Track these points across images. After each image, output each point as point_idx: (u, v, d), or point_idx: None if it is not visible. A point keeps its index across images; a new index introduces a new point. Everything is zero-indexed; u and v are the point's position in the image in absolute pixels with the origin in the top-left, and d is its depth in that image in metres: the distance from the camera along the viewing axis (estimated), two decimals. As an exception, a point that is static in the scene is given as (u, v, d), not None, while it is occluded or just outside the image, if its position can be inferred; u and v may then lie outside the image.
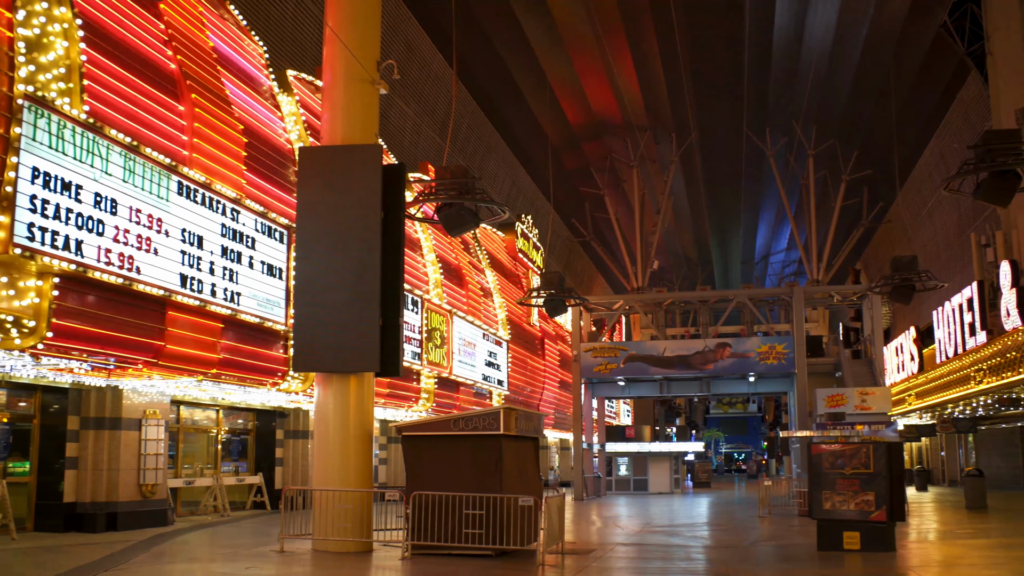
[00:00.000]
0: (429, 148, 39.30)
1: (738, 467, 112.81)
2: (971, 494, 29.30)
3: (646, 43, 39.88)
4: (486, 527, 15.77)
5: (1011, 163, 16.53)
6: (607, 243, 54.94)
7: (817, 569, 14.80)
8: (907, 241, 57.77)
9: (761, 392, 51.13)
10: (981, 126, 41.05)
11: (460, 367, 34.96)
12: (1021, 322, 30.41)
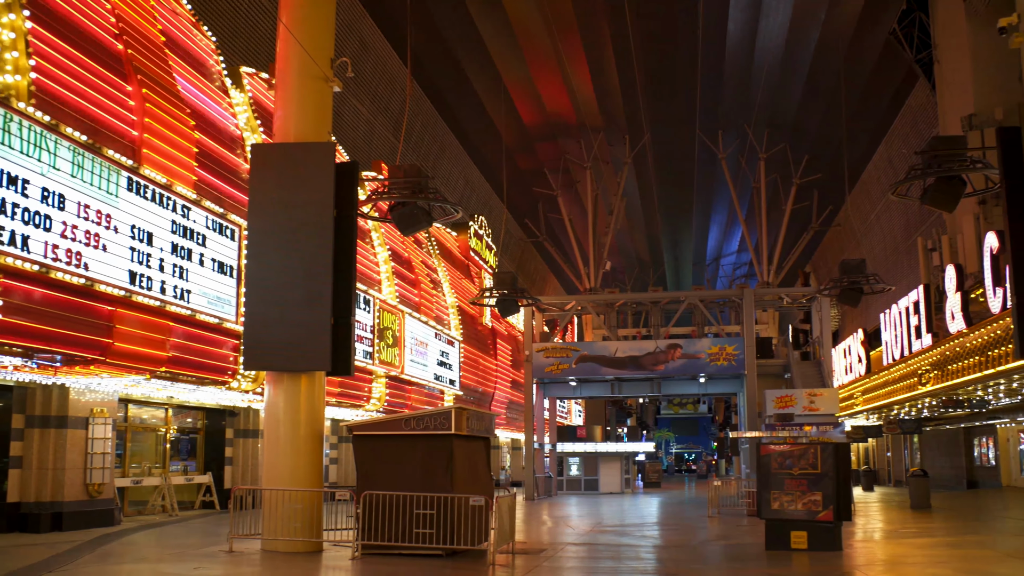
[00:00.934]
0: (383, 147, 39.16)
1: (688, 467, 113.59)
2: (916, 494, 29.70)
3: (600, 45, 40.03)
4: (437, 527, 15.75)
5: (957, 169, 16.78)
6: (560, 244, 55.07)
7: (765, 568, 14.94)
8: (856, 244, 58.50)
9: (711, 393, 51.49)
10: (928, 132, 41.68)
11: (412, 366, 34.87)
12: (965, 325, 30.88)
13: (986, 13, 36.65)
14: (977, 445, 44.62)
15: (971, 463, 45.20)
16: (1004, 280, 25.41)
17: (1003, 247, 23.52)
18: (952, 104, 39.14)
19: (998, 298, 27.19)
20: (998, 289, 27.11)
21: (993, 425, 41.02)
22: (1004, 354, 24.22)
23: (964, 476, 45.09)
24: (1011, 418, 37.47)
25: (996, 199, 30.84)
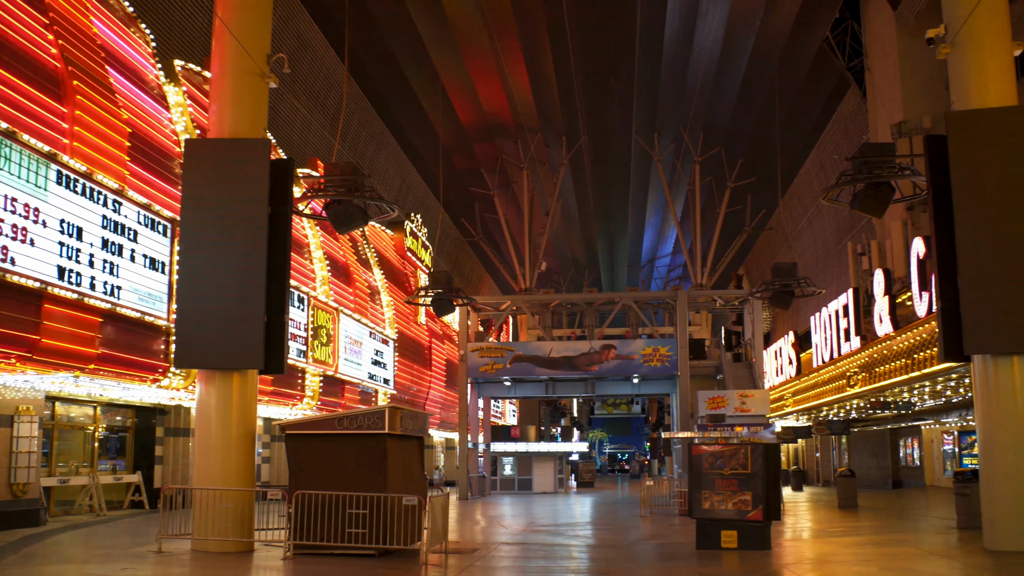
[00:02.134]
0: (319, 144, 38.89)
1: (621, 467, 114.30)
2: (843, 494, 30.19)
3: (539, 46, 40.14)
4: (370, 527, 15.69)
5: (886, 175, 17.12)
6: (496, 244, 55.11)
7: (695, 567, 15.10)
8: (788, 248, 59.32)
9: (645, 393, 51.93)
10: (859, 139, 42.43)
11: (346, 365, 34.69)
12: (893, 329, 31.48)
13: (915, 24, 37.41)
14: (903, 446, 45.50)
15: (897, 463, 46.08)
16: (930, 285, 25.96)
17: (929, 252, 24.03)
18: (882, 111, 39.88)
19: (924, 302, 27.77)
20: (924, 293, 27.68)
21: (918, 426, 41.86)
22: (929, 357, 24.73)
23: (890, 476, 45.94)
24: (935, 420, 38.28)
25: (923, 205, 31.50)
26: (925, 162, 16.92)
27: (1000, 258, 15.84)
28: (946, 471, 40.21)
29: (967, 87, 16.84)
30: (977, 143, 16.28)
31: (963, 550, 16.69)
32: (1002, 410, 16.05)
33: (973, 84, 16.76)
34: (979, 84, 16.70)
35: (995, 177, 16.08)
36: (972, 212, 16.09)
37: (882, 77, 40.75)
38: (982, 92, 16.64)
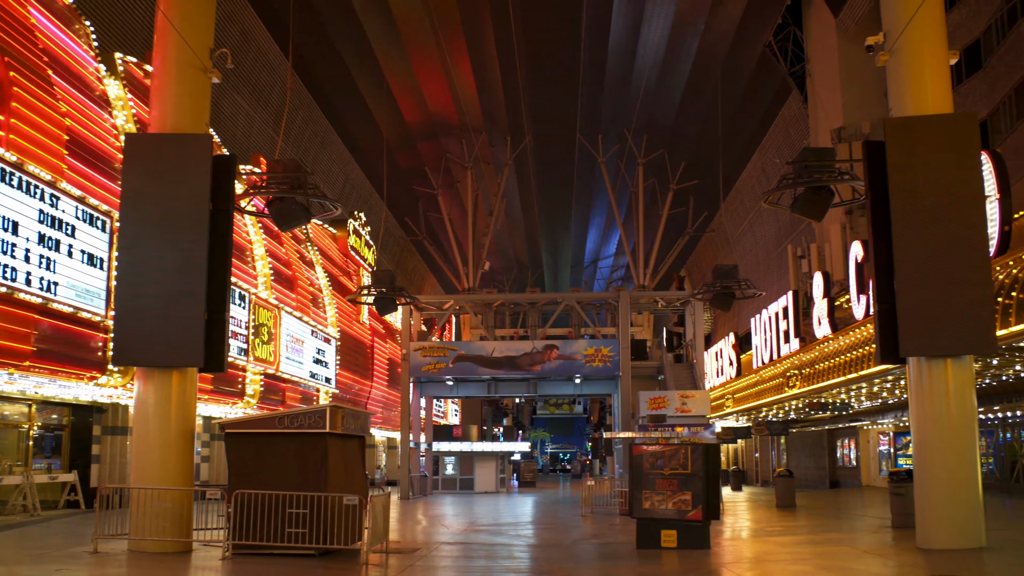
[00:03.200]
0: (262, 140, 38.57)
1: (563, 467, 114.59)
2: (781, 493, 30.54)
3: (484, 46, 40.16)
4: (310, 526, 15.58)
5: (826, 180, 17.35)
6: (439, 243, 55.04)
7: (635, 566, 15.19)
8: (729, 250, 59.92)
9: (587, 394, 52.14)
10: (800, 143, 42.99)
11: (288, 364, 34.43)
12: (831, 331, 31.92)
13: (855, 31, 38.02)
14: (840, 446, 46.13)
15: (834, 464, 46.70)
16: (868, 288, 26.39)
17: (867, 256, 24.40)
18: (823, 116, 40.44)
19: (862, 305, 28.22)
20: (862, 296, 28.12)
21: (855, 427, 42.47)
22: (866, 357, 25.09)
23: (827, 476, 46.56)
24: (872, 421, 38.85)
25: (862, 210, 31.97)
26: (864, 167, 17.15)
27: (934, 262, 16.12)
28: (881, 471, 40.84)
29: (905, 94, 17.11)
30: (914, 149, 16.55)
31: (897, 548, 16.96)
32: (935, 411, 16.34)
33: (910, 91, 17.04)
34: (916, 91, 16.98)
35: (930, 182, 16.36)
36: (908, 217, 16.35)
37: (823, 83, 41.34)
38: (919, 99, 16.92)
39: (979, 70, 33.27)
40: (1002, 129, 31.59)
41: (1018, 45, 30.19)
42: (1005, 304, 18.44)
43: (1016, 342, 18.80)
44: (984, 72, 32.90)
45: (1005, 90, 31.19)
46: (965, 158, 16.47)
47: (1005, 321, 18.26)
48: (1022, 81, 30.00)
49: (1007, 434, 31.91)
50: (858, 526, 22.28)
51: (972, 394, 16.50)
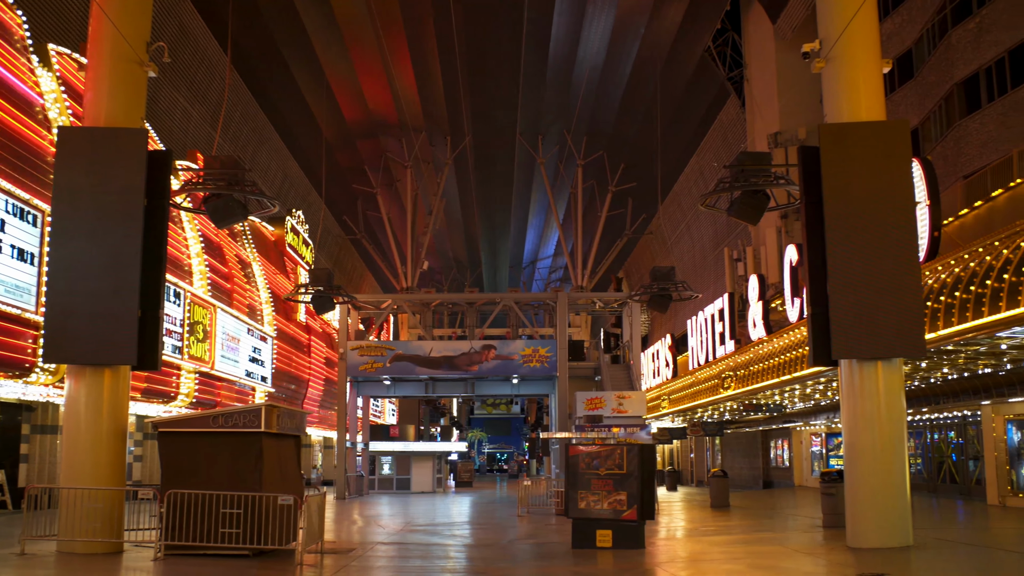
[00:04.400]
0: (199, 136, 38.10)
1: (500, 467, 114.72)
2: (716, 494, 30.87)
3: (425, 44, 40.06)
4: (244, 526, 15.45)
5: (762, 184, 17.58)
6: (378, 242, 54.82)
7: (570, 566, 15.27)
8: (666, 252, 60.42)
9: (524, 394, 52.29)
10: (738, 147, 43.50)
11: (223, 362, 34.08)
12: (766, 333, 32.33)
13: (793, 38, 38.56)
14: (773, 447, 46.75)
15: (767, 464, 47.32)
16: (802, 291, 26.77)
17: (801, 260, 24.73)
18: (760, 121, 40.94)
19: (796, 308, 28.62)
20: (796, 299, 28.53)
21: (788, 428, 43.07)
22: (800, 358, 25.45)
23: (761, 476, 47.15)
24: (805, 422, 39.43)
25: (797, 214, 32.41)
26: (799, 172, 17.41)
27: (866, 267, 16.41)
28: (814, 471, 41.45)
29: (839, 101, 17.40)
30: (847, 155, 16.84)
31: (827, 547, 17.23)
32: (866, 413, 16.62)
33: (845, 98, 17.33)
34: (851, 98, 17.28)
35: (863, 188, 16.65)
36: (841, 221, 16.63)
37: (760, 88, 41.85)
38: (853, 106, 17.22)
39: (911, 79, 33.91)
40: (932, 137, 32.24)
41: (948, 55, 30.84)
42: (934, 308, 18.83)
43: (944, 345, 19.21)
44: (916, 81, 33.55)
45: (935, 99, 31.84)
46: (897, 165, 16.79)
47: (934, 325, 18.65)
48: (952, 91, 30.64)
49: (935, 435, 32.57)
50: (790, 526, 22.59)
51: (901, 396, 16.82)
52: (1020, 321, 16.36)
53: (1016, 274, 16.34)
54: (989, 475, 26.96)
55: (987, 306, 17.06)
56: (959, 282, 18.38)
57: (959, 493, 30.55)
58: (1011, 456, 25.86)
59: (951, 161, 30.28)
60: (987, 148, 28.63)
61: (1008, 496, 25.83)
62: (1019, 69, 27.92)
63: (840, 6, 17.39)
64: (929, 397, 28.43)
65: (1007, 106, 28.19)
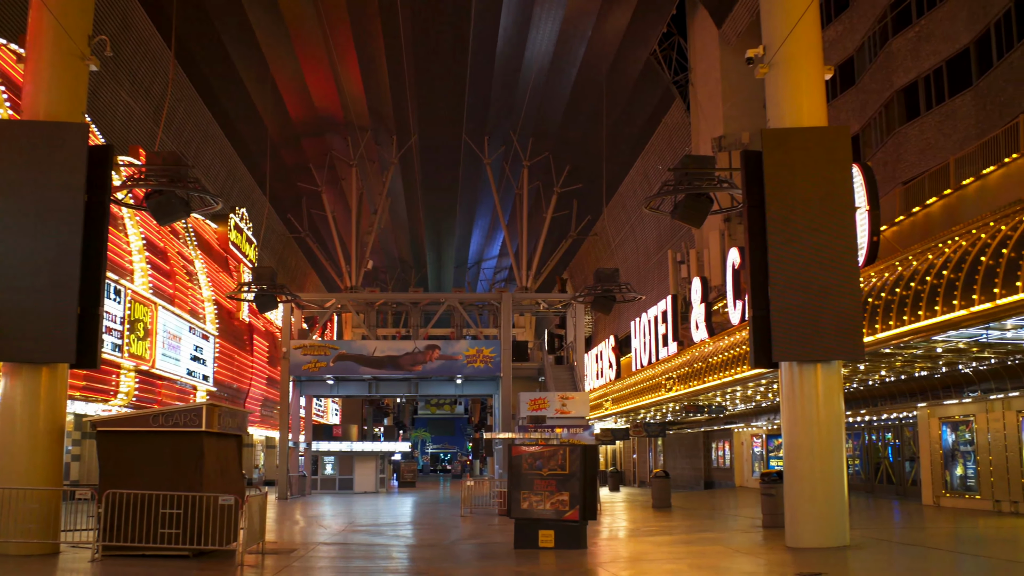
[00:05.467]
0: (141, 132, 37.58)
1: (444, 467, 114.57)
2: (658, 494, 31.08)
3: (372, 43, 39.92)
4: (184, 527, 15.30)
5: (705, 187, 17.76)
6: (322, 241, 54.51)
7: (513, 566, 15.30)
8: (611, 254, 60.72)
9: (468, 394, 52.30)
10: (682, 150, 43.85)
11: (164, 361, 33.69)
12: (708, 335, 32.65)
13: (737, 43, 38.97)
14: (715, 448, 47.19)
15: (709, 465, 47.75)
16: (744, 294, 27.07)
17: (744, 263, 25.01)
18: (704, 125, 41.30)
19: (738, 310, 28.94)
20: (738, 302, 28.85)
21: (729, 429, 43.50)
22: (742, 359, 25.73)
23: (702, 477, 47.56)
24: (746, 423, 39.85)
25: (740, 217, 32.77)
26: (742, 176, 17.57)
27: (807, 270, 16.62)
28: (754, 472, 41.91)
29: (782, 106, 17.62)
30: (789, 160, 17.04)
31: (766, 547, 17.43)
32: (805, 415, 16.85)
33: (787, 103, 17.55)
34: (793, 104, 17.50)
35: (804, 192, 16.87)
36: (783, 225, 16.82)
37: (705, 92, 42.22)
38: (795, 111, 17.44)
39: (852, 86, 34.43)
40: (872, 143, 32.76)
41: (889, 63, 31.35)
42: (872, 312, 19.14)
43: (882, 348, 19.55)
44: (857, 88, 34.06)
45: (876, 106, 32.35)
46: (837, 170, 17.02)
47: (872, 328, 18.96)
48: (892, 98, 31.16)
49: (872, 436, 33.09)
50: (730, 526, 22.83)
51: (840, 398, 17.08)
52: (954, 325, 16.70)
53: (951, 278, 16.67)
54: (924, 476, 27.46)
55: (923, 310, 17.39)
56: (897, 286, 18.71)
57: (895, 493, 31.07)
58: (945, 457, 26.36)
59: (890, 167, 30.79)
60: (925, 155, 29.16)
61: (942, 496, 26.33)
62: (956, 78, 28.49)
63: (784, 13, 17.60)
64: (867, 399, 28.90)
65: (944, 114, 28.74)
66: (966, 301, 16.08)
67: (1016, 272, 14.85)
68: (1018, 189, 18.96)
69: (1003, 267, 15.22)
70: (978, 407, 24.52)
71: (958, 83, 28.40)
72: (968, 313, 16.09)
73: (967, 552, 16.26)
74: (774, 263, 16.75)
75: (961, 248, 17.10)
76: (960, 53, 28.32)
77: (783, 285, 16.67)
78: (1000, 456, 23.63)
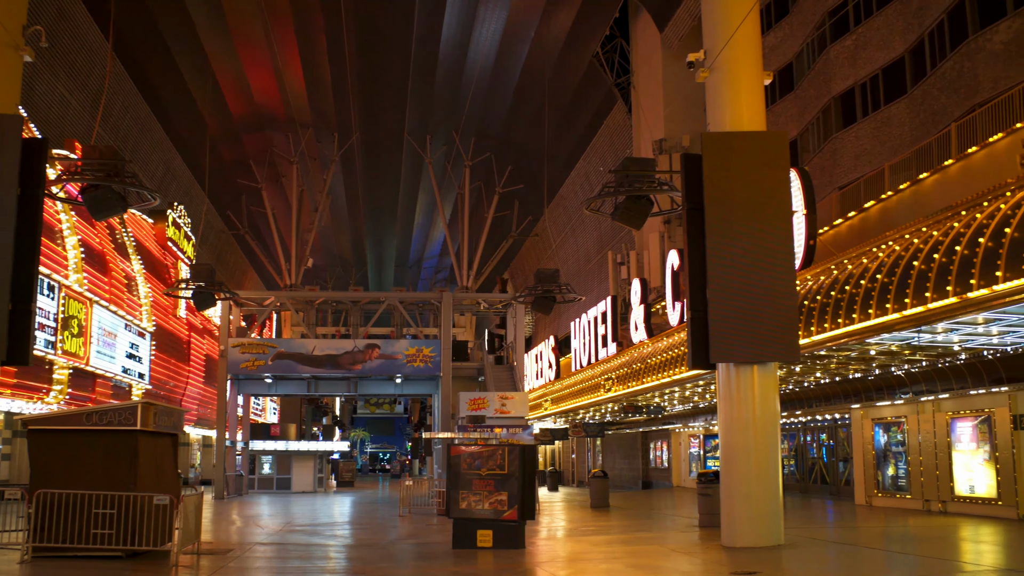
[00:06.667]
0: (78, 125, 36.99)
1: (383, 467, 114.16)
2: (596, 494, 31.23)
3: (314, 39, 39.66)
4: (117, 527, 15.08)
5: (645, 189, 17.87)
6: (262, 238, 54.04)
7: (450, 566, 15.30)
8: (551, 255, 60.91)
9: (408, 394, 52.10)
10: (624, 152, 44.15)
11: (99, 358, 33.19)
12: (647, 336, 32.89)
13: (679, 47, 39.31)
14: (653, 448, 47.53)
15: (647, 465, 48.09)
16: (683, 295, 27.31)
17: (683, 265, 25.23)
18: (646, 127, 41.59)
19: (677, 312, 29.20)
20: (677, 303, 29.10)
21: (668, 430, 43.86)
22: (680, 360, 25.94)
23: (640, 477, 47.88)
24: (683, 424, 40.20)
25: (679, 220, 33.03)
26: (682, 178, 17.70)
27: (745, 273, 16.78)
28: (691, 472, 42.28)
29: (722, 110, 17.79)
30: (728, 163, 17.20)
31: (703, 547, 17.60)
32: (742, 416, 17.03)
33: (727, 108, 17.73)
34: (733, 108, 17.68)
35: (743, 196, 17.04)
36: (721, 228, 16.98)
37: (646, 95, 42.54)
38: (735, 116, 17.62)
39: (791, 91, 34.90)
40: (810, 148, 33.23)
41: (827, 70, 31.81)
42: (808, 314, 19.42)
43: (817, 350, 19.84)
44: (796, 94, 34.53)
45: (814, 111, 32.82)
46: (775, 174, 17.22)
47: (808, 330, 19.23)
48: (829, 104, 31.63)
49: (807, 437, 33.56)
50: (668, 525, 23.01)
51: (776, 399, 17.29)
52: (887, 328, 17.00)
53: (885, 282, 16.97)
54: (857, 476, 27.90)
55: (858, 313, 17.68)
56: (832, 289, 19.01)
57: (829, 493, 31.53)
58: (878, 457, 26.82)
59: (827, 172, 31.26)
60: (861, 161, 29.64)
61: (874, 496, 26.78)
62: (892, 86, 29.01)
63: (725, 18, 17.78)
64: (803, 400, 29.31)
65: (880, 121, 29.24)
66: (899, 305, 16.38)
67: (947, 277, 15.16)
68: (951, 195, 19.35)
69: (934, 272, 15.53)
70: (910, 408, 24.98)
71: (893, 91, 28.92)
72: (901, 316, 16.40)
73: (897, 551, 16.56)
74: (712, 265, 16.90)
75: (895, 253, 17.41)
76: (895, 62, 28.84)
77: (721, 287, 16.82)
78: (930, 457, 24.11)
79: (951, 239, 15.53)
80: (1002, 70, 23.79)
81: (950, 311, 15.29)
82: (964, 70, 25.20)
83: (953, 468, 23.35)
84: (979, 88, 24.50)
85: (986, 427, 22.22)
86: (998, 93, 22.30)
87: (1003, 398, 21.50)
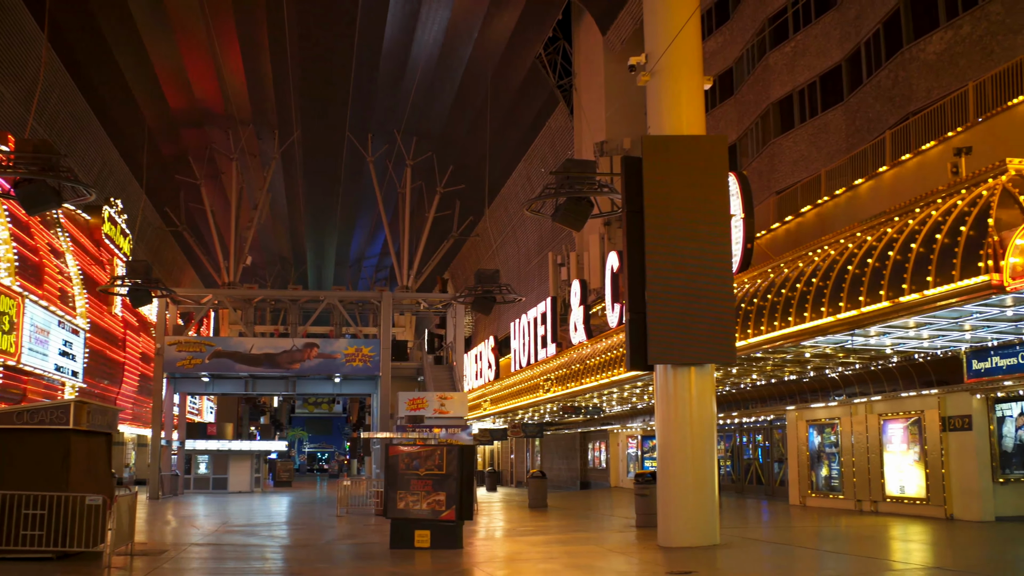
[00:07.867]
0: (11, 118, 36.24)
1: (321, 467, 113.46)
2: (534, 494, 31.33)
3: (256, 34, 39.29)
4: (48, 528, 14.84)
5: (586, 191, 18.00)
6: (200, 235, 53.43)
7: (387, 567, 15.26)
8: (492, 255, 60.97)
9: (346, 393, 51.82)
10: (566, 154, 44.33)
11: (30, 356, 32.59)
12: (586, 337, 33.06)
13: (621, 50, 39.56)
14: (591, 449, 47.78)
15: (585, 465, 48.34)
16: (622, 297, 27.49)
17: (622, 267, 25.40)
18: (587, 130, 41.82)
19: (616, 313, 29.39)
20: (616, 305, 29.30)
21: (606, 431, 44.12)
22: (619, 360, 26.12)
23: (579, 477, 48.11)
24: (622, 424, 40.47)
25: (619, 222, 33.24)
26: (622, 181, 17.80)
27: (683, 275, 16.93)
28: (629, 473, 42.55)
29: (662, 114, 17.94)
30: (667, 166, 17.35)
31: (640, 547, 17.74)
32: (679, 417, 17.19)
33: (668, 111, 17.88)
34: (673, 112, 17.83)
35: (682, 199, 17.20)
36: (660, 230, 17.11)
37: (588, 97, 42.75)
38: (675, 120, 17.77)
39: (731, 96, 35.29)
40: (749, 153, 33.63)
41: (766, 76, 32.23)
42: (745, 317, 19.66)
43: (753, 352, 20.10)
44: (735, 98, 34.93)
45: (753, 116, 33.23)
46: (714, 178, 17.39)
47: (745, 333, 19.47)
48: (768, 109, 32.04)
49: (743, 438, 33.96)
50: (605, 526, 23.15)
51: (712, 400, 17.48)
52: (822, 331, 17.28)
53: (820, 286, 17.25)
54: (792, 476, 28.29)
55: (793, 316, 17.94)
56: (769, 292, 19.26)
57: (764, 494, 31.94)
58: (812, 458, 27.22)
59: (765, 177, 31.67)
60: (798, 166, 30.07)
61: (808, 496, 27.18)
62: (829, 93, 29.47)
63: (666, 23, 17.93)
64: (739, 401, 29.66)
65: (817, 127, 29.68)
66: (833, 308, 16.65)
67: (880, 281, 15.44)
68: (886, 201, 19.70)
69: (868, 276, 15.81)
70: (843, 410, 25.39)
71: (830, 98, 29.37)
72: (835, 320, 16.67)
73: (829, 550, 16.83)
74: (651, 267, 17.02)
75: (830, 257, 17.69)
76: (833, 69, 29.30)
77: (659, 289, 16.95)
78: (862, 458, 24.53)
79: (884, 244, 15.81)
80: (935, 80, 24.28)
81: (883, 315, 15.57)
82: (899, 79, 25.68)
83: (885, 469, 23.77)
84: (913, 97, 24.98)
85: (916, 429, 22.67)
86: (931, 102, 22.76)
87: (933, 400, 21.95)
